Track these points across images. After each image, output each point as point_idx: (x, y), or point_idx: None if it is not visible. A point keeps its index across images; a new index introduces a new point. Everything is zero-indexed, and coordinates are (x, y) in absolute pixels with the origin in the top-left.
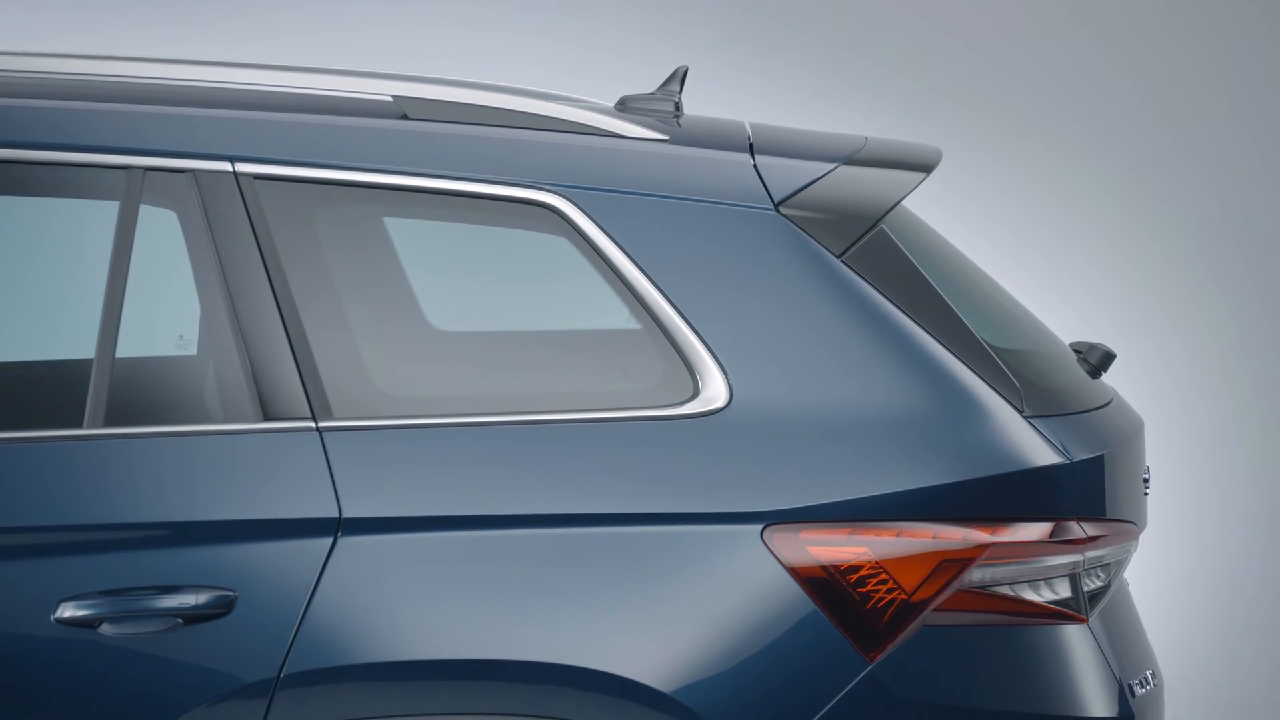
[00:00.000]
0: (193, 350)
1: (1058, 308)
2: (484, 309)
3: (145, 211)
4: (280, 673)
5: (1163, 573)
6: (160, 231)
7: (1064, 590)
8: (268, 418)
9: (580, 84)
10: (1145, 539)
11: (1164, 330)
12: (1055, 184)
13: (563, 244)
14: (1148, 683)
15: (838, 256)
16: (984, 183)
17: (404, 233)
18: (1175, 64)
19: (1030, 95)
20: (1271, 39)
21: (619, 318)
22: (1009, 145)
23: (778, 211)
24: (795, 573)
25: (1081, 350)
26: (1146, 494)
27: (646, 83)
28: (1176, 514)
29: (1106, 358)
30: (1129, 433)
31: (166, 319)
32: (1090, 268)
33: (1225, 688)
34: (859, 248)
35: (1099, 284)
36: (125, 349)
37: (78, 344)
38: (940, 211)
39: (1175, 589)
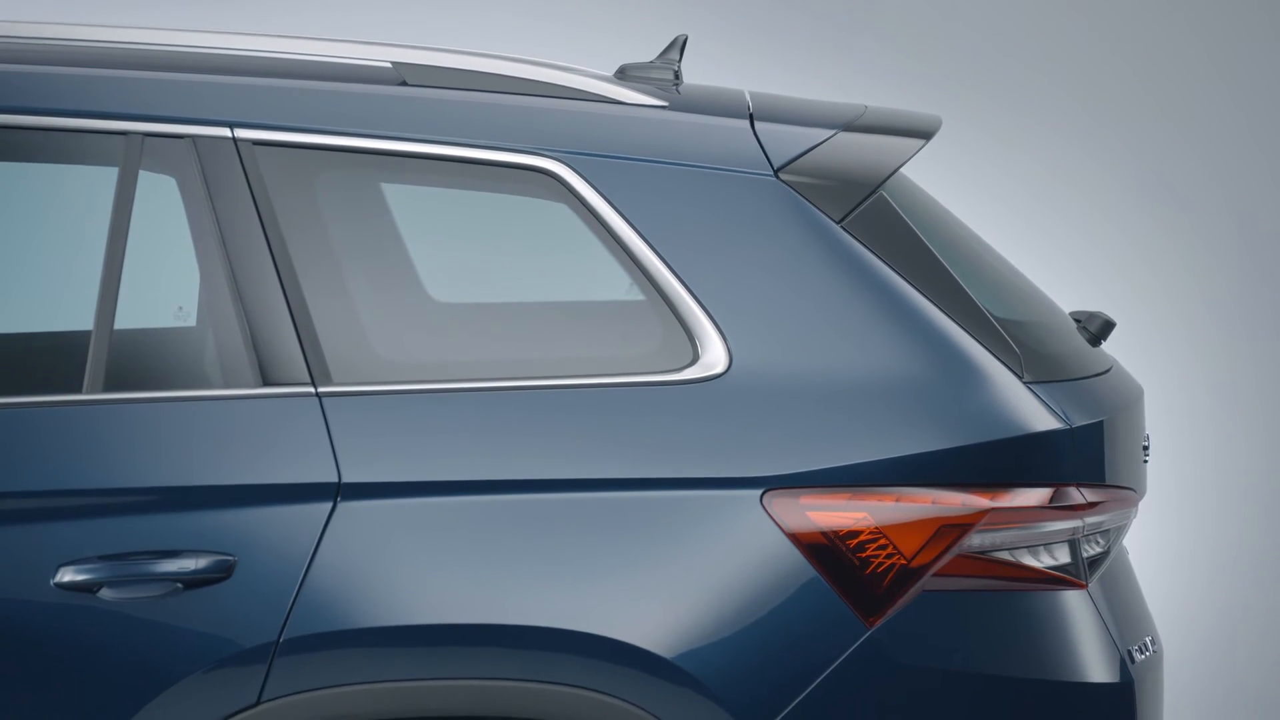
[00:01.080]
0: (192, 321)
1: (1056, 285)
2: (482, 275)
3: (144, 177)
4: (280, 637)
5: (1164, 548)
6: (159, 197)
7: (1063, 556)
8: (267, 383)
9: (578, 63)
10: (1145, 514)
11: (1162, 306)
12: (1054, 163)
13: (562, 210)
14: (1147, 649)
15: (837, 222)
16: (983, 162)
17: (403, 200)
18: (1170, 42)
19: (1030, 75)
20: (1263, 16)
21: (618, 283)
22: (1009, 124)
23: (777, 177)
24: (795, 538)
25: (1081, 319)
26: (1146, 461)
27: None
28: (1176, 486)
29: (1106, 326)
30: (1129, 399)
31: (165, 283)
32: (1089, 247)
33: (1227, 668)
34: (859, 213)
35: (1097, 262)
36: (124, 318)
37: (77, 309)
38: (939, 189)
39: (1176, 565)
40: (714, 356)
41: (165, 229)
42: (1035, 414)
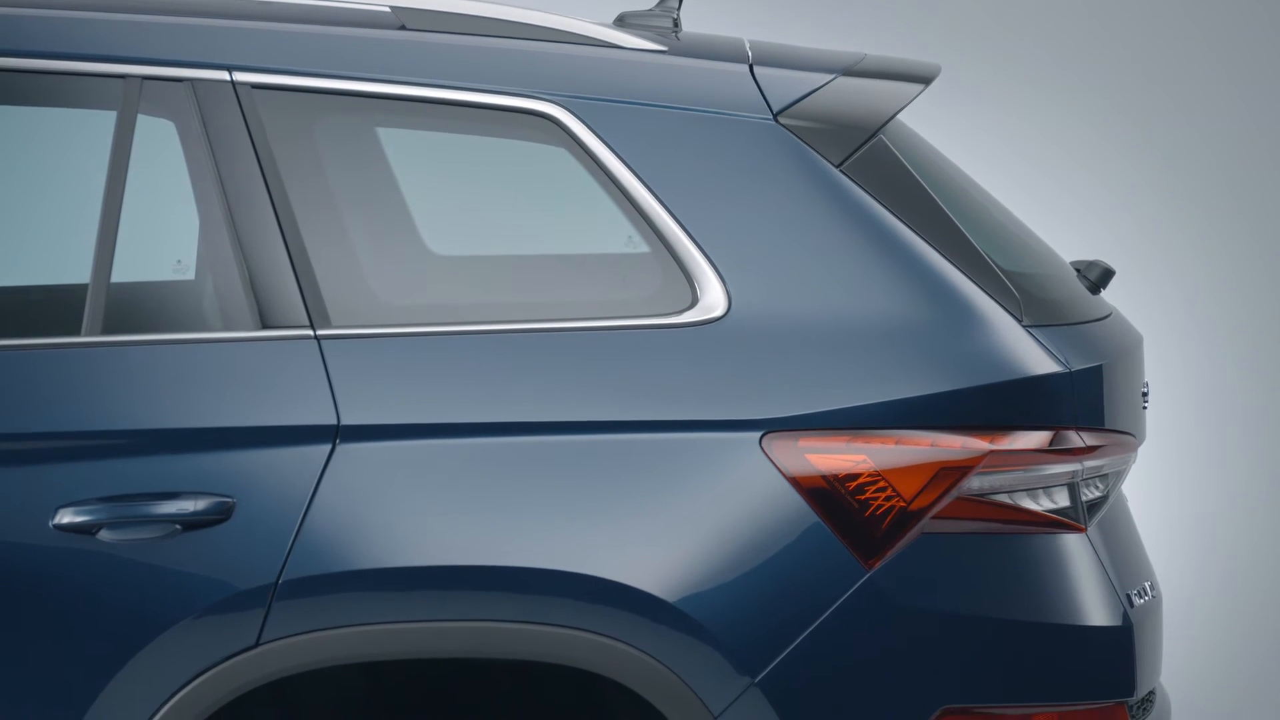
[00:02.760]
0: (190, 275)
1: (1052, 244)
2: (482, 218)
3: (143, 121)
4: (278, 579)
5: (1166, 503)
6: (158, 141)
7: (1062, 499)
8: (266, 326)
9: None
10: (1144, 467)
11: (1160, 269)
12: (1051, 130)
13: (562, 154)
14: (1146, 594)
15: (837, 166)
16: (980, 128)
17: (404, 145)
18: (1159, 7)
19: (1026, 42)
20: None
21: (617, 226)
22: (1006, 90)
23: (776, 121)
24: (794, 480)
25: (1081, 268)
26: (1145, 408)
27: None
28: (1176, 443)
29: (1106, 274)
30: (1128, 345)
31: (164, 227)
32: (1086, 212)
33: (1230, 618)
34: (858, 158)
35: (1094, 226)
36: (122, 265)
37: (76, 253)
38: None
39: (1178, 520)
40: (713, 299)
41: (164, 173)
42: (1034, 357)
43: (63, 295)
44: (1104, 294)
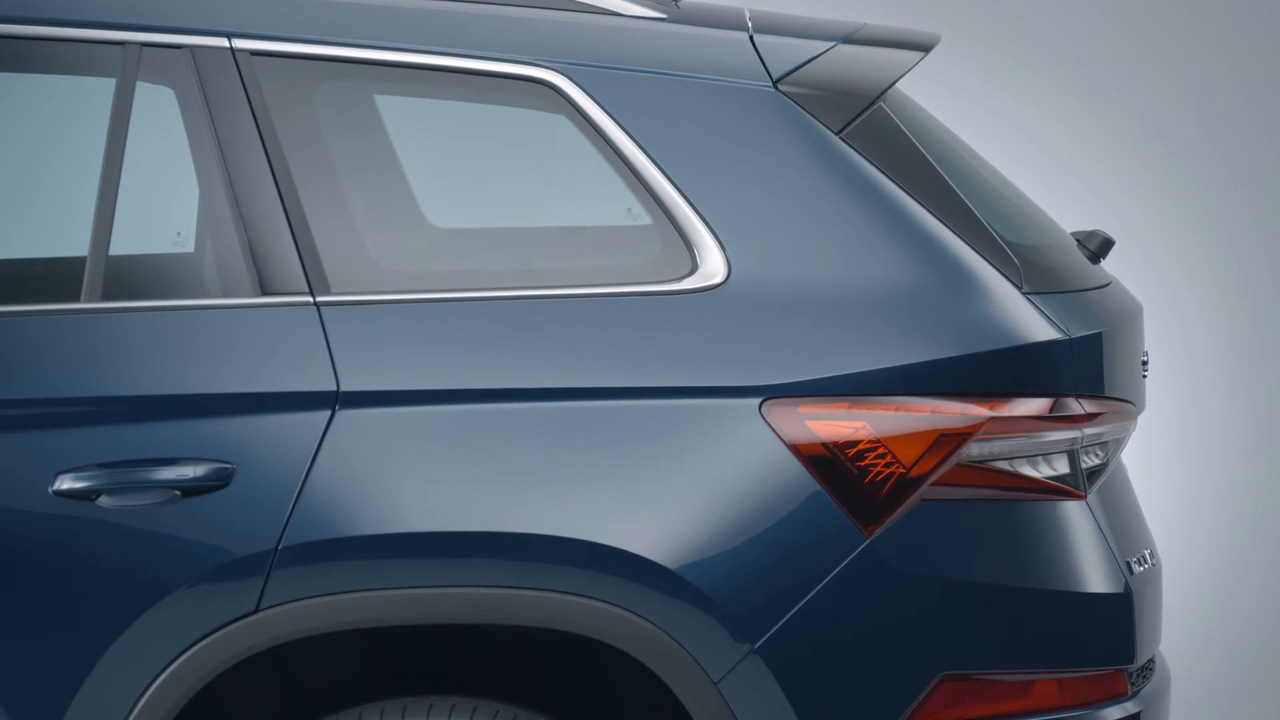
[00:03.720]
0: (190, 248)
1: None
2: (482, 186)
3: (142, 88)
4: (278, 545)
5: (1167, 475)
6: (158, 108)
7: (1062, 467)
8: (265, 292)
9: None
10: (1142, 451)
11: (1157, 245)
12: (1053, 112)
13: (561, 121)
14: (1146, 562)
15: (836, 133)
16: (984, 112)
17: (404, 111)
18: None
19: (1026, 22)
20: None
21: (617, 193)
22: (1006, 69)
23: (776, 88)
24: (794, 447)
25: (1080, 237)
26: (1145, 376)
27: None
28: (1176, 416)
29: (1106, 244)
30: (1128, 314)
31: (164, 195)
32: (1084, 192)
33: (1230, 607)
34: (858, 125)
35: (1091, 206)
36: (122, 233)
37: (74, 223)
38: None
39: (1179, 498)
40: (713, 266)
41: (164, 140)
42: (1034, 324)
43: (62, 266)
44: (1103, 265)
